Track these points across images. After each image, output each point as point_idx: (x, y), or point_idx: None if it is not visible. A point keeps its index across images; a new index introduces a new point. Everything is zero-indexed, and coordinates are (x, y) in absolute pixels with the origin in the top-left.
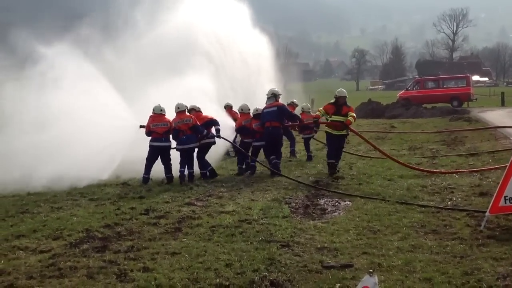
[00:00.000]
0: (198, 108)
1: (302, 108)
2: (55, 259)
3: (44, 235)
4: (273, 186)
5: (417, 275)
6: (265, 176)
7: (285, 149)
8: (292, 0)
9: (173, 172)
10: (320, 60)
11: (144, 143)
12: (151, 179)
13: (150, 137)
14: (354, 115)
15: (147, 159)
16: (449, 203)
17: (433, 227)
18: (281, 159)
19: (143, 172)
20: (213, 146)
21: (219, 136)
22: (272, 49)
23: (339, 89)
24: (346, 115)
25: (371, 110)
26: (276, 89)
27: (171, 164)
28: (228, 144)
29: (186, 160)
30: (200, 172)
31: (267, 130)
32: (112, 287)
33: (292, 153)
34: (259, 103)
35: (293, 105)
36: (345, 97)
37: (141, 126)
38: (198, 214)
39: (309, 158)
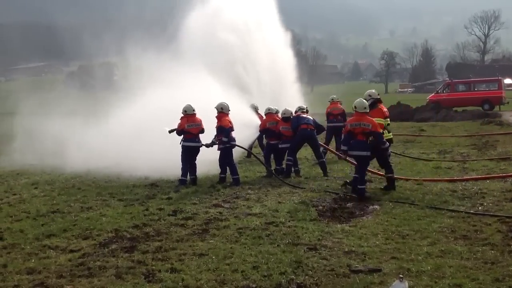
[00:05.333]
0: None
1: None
2: (85, 259)
3: (74, 234)
4: (300, 188)
5: (447, 281)
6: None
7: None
8: (321, 3)
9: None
10: (348, 62)
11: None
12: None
13: (182, 137)
14: None
15: (182, 160)
16: (480, 208)
17: (463, 233)
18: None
19: (181, 174)
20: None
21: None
22: (300, 51)
23: None
24: None
25: (400, 113)
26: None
27: (196, 165)
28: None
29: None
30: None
31: (305, 131)
32: (140, 287)
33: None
34: (284, 105)
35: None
36: None
37: (170, 131)
38: (225, 216)
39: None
